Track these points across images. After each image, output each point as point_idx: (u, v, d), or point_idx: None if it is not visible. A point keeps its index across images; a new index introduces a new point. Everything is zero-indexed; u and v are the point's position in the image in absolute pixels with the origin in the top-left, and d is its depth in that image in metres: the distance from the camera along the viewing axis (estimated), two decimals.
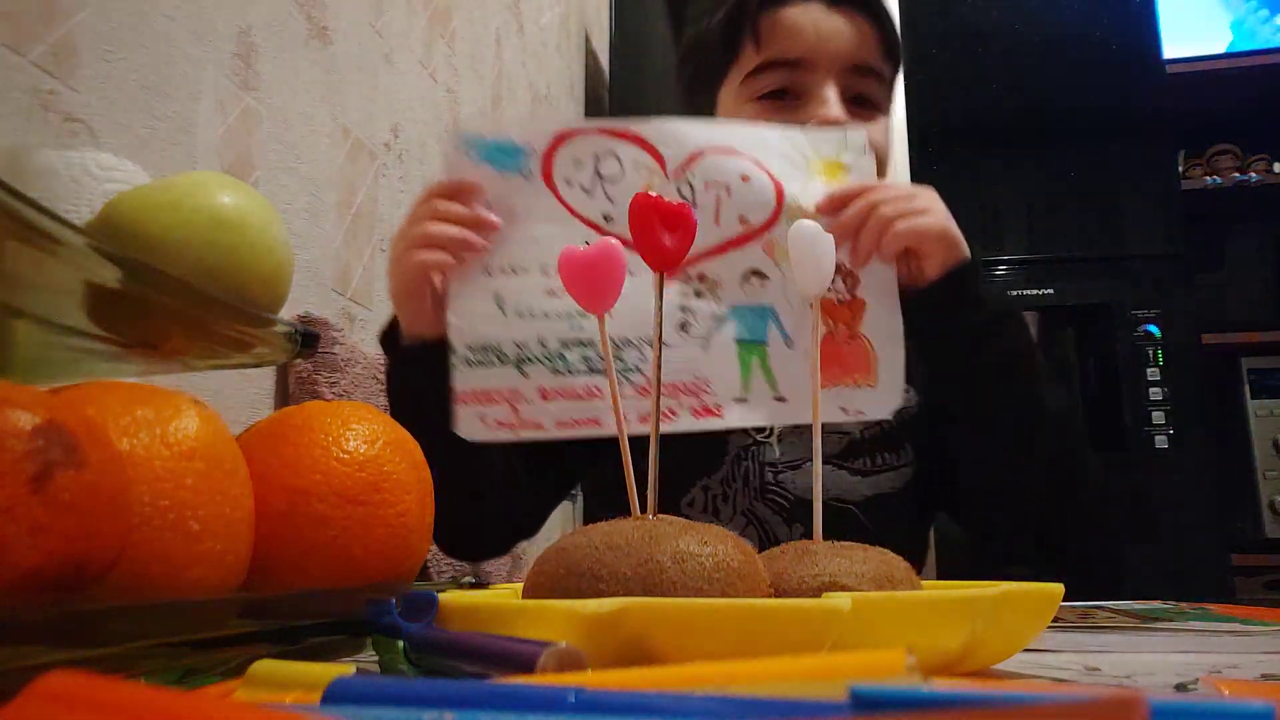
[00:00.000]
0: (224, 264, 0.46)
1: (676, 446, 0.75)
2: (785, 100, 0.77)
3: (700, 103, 0.83)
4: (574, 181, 0.67)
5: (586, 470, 0.90)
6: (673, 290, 0.65)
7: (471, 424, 0.63)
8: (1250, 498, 1.94)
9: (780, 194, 0.68)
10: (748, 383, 0.66)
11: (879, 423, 0.78)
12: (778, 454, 0.78)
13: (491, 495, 0.75)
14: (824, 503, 0.69)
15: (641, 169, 0.67)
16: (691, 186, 0.67)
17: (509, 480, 0.77)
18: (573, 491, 0.95)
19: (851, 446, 0.78)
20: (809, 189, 0.68)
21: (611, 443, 0.39)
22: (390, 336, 0.72)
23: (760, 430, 0.78)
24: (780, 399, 0.66)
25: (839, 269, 0.66)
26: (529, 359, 0.65)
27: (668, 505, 0.74)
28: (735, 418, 0.66)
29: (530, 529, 0.87)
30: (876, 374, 0.67)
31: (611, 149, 0.68)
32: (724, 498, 0.78)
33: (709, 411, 0.65)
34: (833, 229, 0.63)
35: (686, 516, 0.72)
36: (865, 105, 0.79)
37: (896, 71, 0.82)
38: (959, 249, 0.69)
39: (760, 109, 0.78)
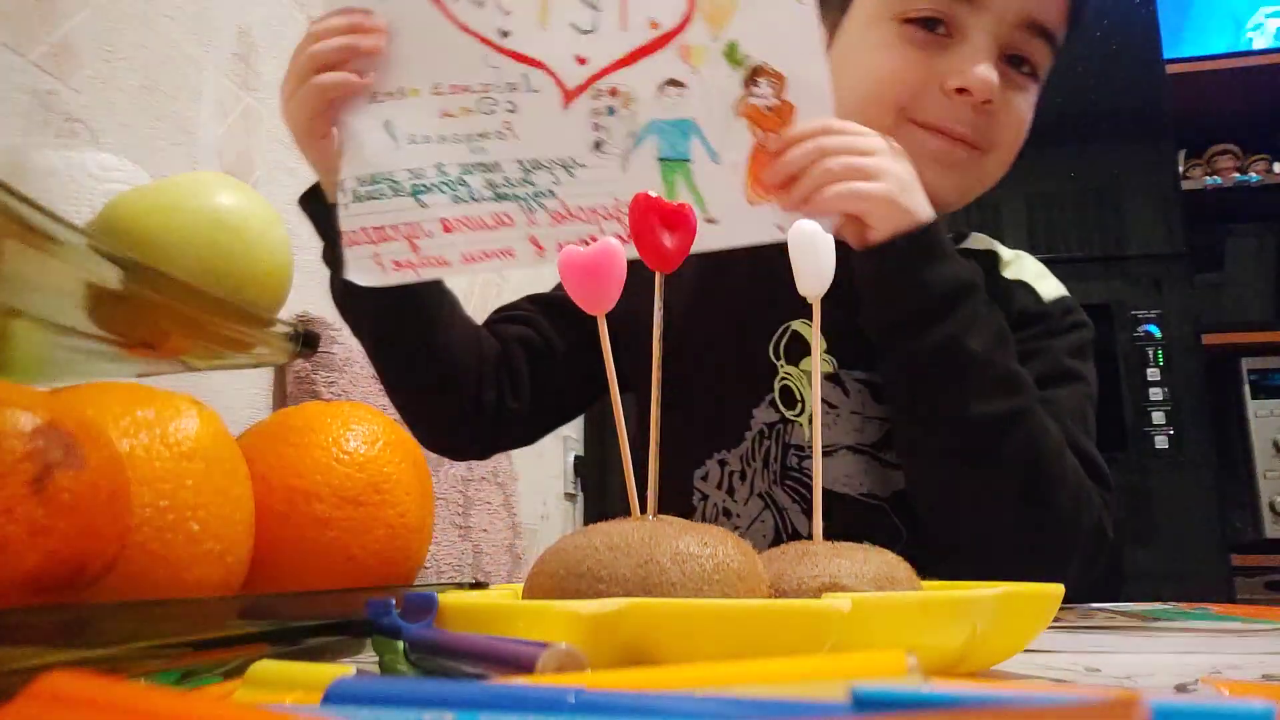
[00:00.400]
0: (224, 264, 0.46)
1: (696, 414, 0.71)
2: (933, 32, 0.65)
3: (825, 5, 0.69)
4: None
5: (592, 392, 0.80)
6: (583, 108, 0.59)
7: (364, 267, 0.57)
8: (1250, 498, 1.94)
9: None
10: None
11: None
12: (807, 436, 0.69)
13: (458, 375, 0.69)
14: (854, 498, 0.67)
15: None
16: None
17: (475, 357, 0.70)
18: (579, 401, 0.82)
19: (889, 436, 0.68)
20: None
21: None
22: (311, 198, 0.64)
23: (792, 408, 0.70)
24: (710, 220, 0.59)
25: (762, 70, 0.59)
26: (426, 188, 0.58)
27: (680, 476, 0.72)
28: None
29: (523, 432, 0.78)
30: (766, 186, 0.60)
31: None
32: (741, 476, 0.70)
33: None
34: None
35: (699, 490, 0.72)
36: (1022, 68, 0.67)
37: (1068, 36, 0.69)
38: (911, 216, 0.59)
39: (900, 33, 0.66)
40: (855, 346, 0.67)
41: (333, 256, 0.62)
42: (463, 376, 0.69)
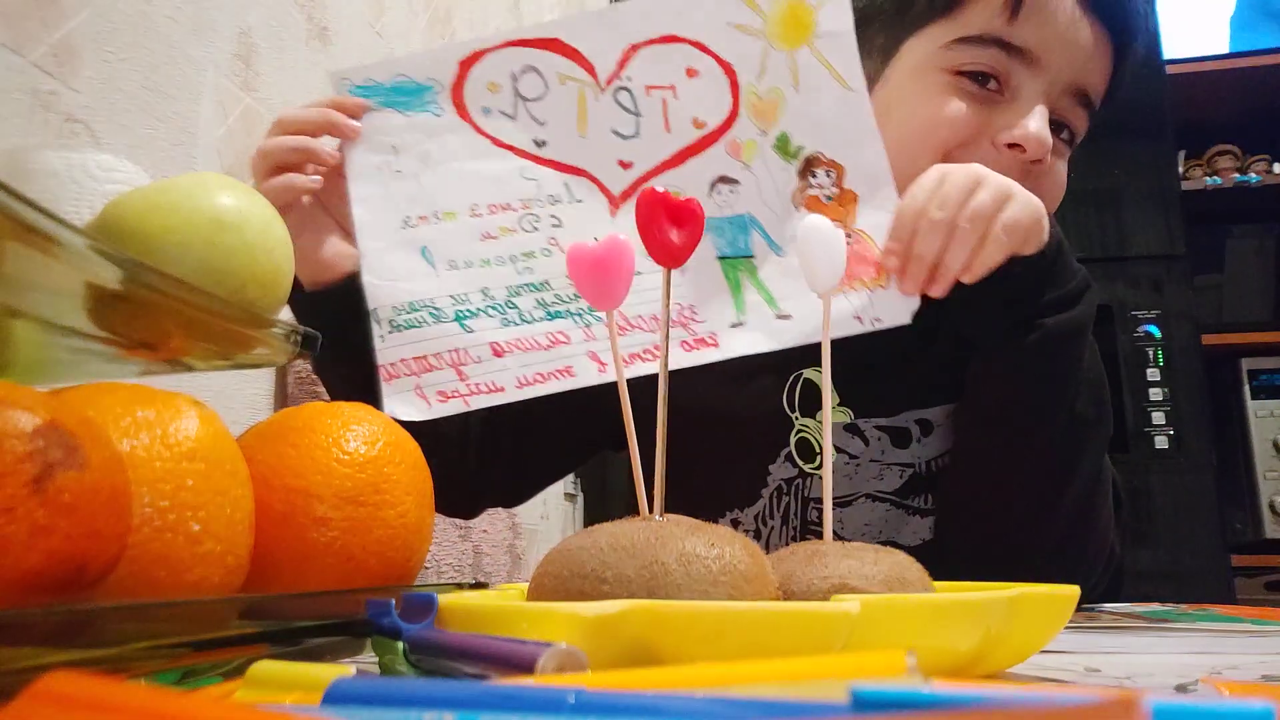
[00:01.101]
0: (224, 264, 0.46)
1: (710, 472, 0.67)
2: (985, 88, 0.64)
3: (873, 38, 0.67)
4: (493, 109, 0.59)
5: (587, 452, 0.79)
6: (630, 214, 0.58)
7: (406, 399, 0.54)
8: (1250, 498, 1.94)
9: (735, 83, 0.58)
10: (741, 304, 0.57)
11: (944, 453, 0.67)
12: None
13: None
14: (877, 544, 0.65)
15: (569, 81, 0.58)
16: (630, 93, 0.58)
17: (457, 439, 0.68)
18: (571, 473, 0.84)
19: (913, 481, 0.66)
20: (769, 66, 0.58)
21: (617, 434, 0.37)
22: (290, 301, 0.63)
23: (810, 460, 0.68)
24: (784, 316, 0.57)
25: (817, 160, 0.58)
26: (471, 313, 0.55)
27: None
28: (735, 345, 0.57)
29: (507, 496, 0.77)
30: (887, 272, 0.57)
31: (529, 63, 0.59)
32: (757, 535, 0.68)
33: (702, 343, 0.56)
34: (910, 271, 0.55)
35: None
36: (1062, 135, 0.68)
37: (1099, 113, 0.71)
38: (1046, 227, 0.59)
39: (952, 84, 0.65)
40: (870, 395, 0.66)
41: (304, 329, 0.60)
42: (442, 443, 0.65)
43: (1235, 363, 1.99)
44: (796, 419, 0.68)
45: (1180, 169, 2.10)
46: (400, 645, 0.32)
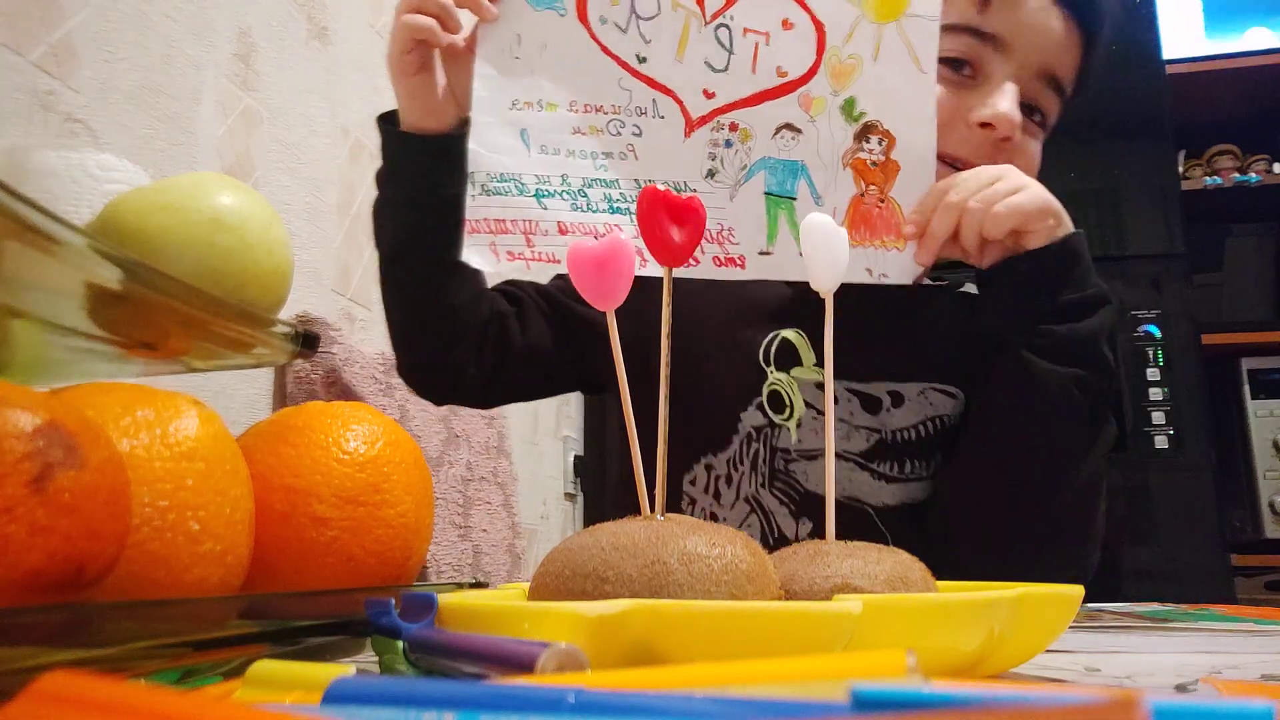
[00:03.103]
0: (224, 264, 0.46)
1: (684, 418, 0.69)
2: (960, 73, 0.70)
3: None
4: (608, 19, 0.66)
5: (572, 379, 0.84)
6: (702, 138, 0.64)
7: (480, 252, 0.63)
8: (1250, 498, 1.94)
9: (822, 43, 0.64)
10: (773, 236, 0.64)
11: (914, 424, 0.72)
12: (794, 440, 0.71)
13: (455, 316, 0.73)
14: (839, 501, 0.67)
15: (680, 9, 0.65)
16: (730, 31, 0.65)
17: (475, 312, 0.75)
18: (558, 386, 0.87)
19: (879, 447, 0.70)
20: (857, 34, 0.65)
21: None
22: (386, 118, 0.70)
23: (780, 412, 0.72)
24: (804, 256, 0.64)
25: (875, 127, 0.65)
26: (549, 193, 0.64)
27: (671, 479, 0.71)
28: (757, 269, 0.64)
29: (473, 396, 0.81)
30: (904, 237, 0.64)
31: None
32: (727, 480, 0.72)
33: (731, 261, 0.64)
34: (924, 244, 0.62)
35: (687, 495, 0.73)
36: (1034, 117, 0.73)
37: (1071, 100, 0.76)
38: (1064, 223, 0.64)
39: None
40: (845, 359, 0.69)
41: (384, 176, 0.70)
42: (453, 318, 0.72)
43: (1235, 362, 1.99)
44: (770, 372, 0.72)
45: (1180, 169, 2.10)
46: (400, 645, 0.32)
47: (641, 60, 0.65)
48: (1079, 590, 0.36)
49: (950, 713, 0.16)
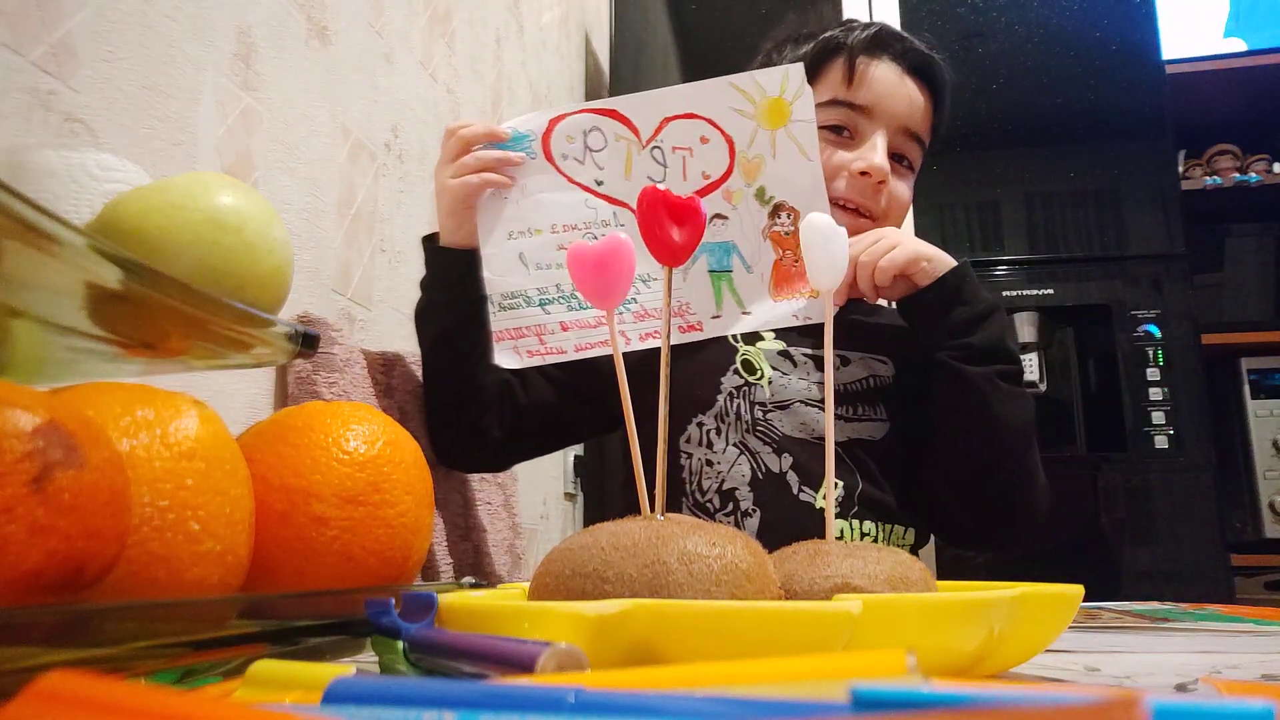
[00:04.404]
0: (224, 264, 0.46)
1: (675, 389, 0.83)
2: (840, 135, 0.91)
3: None
4: (568, 155, 0.84)
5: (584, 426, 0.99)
6: None
7: (507, 355, 0.82)
8: (1250, 498, 1.94)
9: (732, 149, 0.83)
10: (720, 302, 0.83)
11: (859, 379, 0.92)
12: (767, 395, 0.88)
13: (484, 391, 0.88)
14: (804, 440, 0.87)
15: (621, 140, 0.83)
16: (661, 150, 0.83)
17: (491, 387, 0.90)
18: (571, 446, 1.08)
19: (835, 395, 0.87)
20: (756, 140, 0.83)
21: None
22: (430, 249, 0.89)
23: (752, 374, 0.90)
24: (746, 313, 0.83)
25: (783, 205, 0.83)
26: (549, 300, 0.82)
27: (668, 446, 0.86)
28: (712, 330, 0.83)
29: (492, 458, 0.97)
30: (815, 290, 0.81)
31: (595, 124, 0.84)
32: (717, 431, 0.88)
33: (692, 328, 0.83)
34: (841, 289, 0.81)
35: (684, 452, 0.88)
36: (903, 163, 0.94)
37: (928, 146, 0.97)
38: (939, 262, 0.83)
39: (821, 135, 0.89)
40: (797, 334, 0.92)
41: (428, 283, 0.88)
42: (481, 393, 0.88)
43: (1235, 362, 1.99)
44: (740, 346, 0.91)
45: (1180, 169, 2.10)
46: (400, 645, 0.32)
47: (599, 183, 0.83)
48: (1079, 590, 0.36)
49: (950, 713, 0.16)
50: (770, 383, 0.89)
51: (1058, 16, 1.89)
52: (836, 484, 0.84)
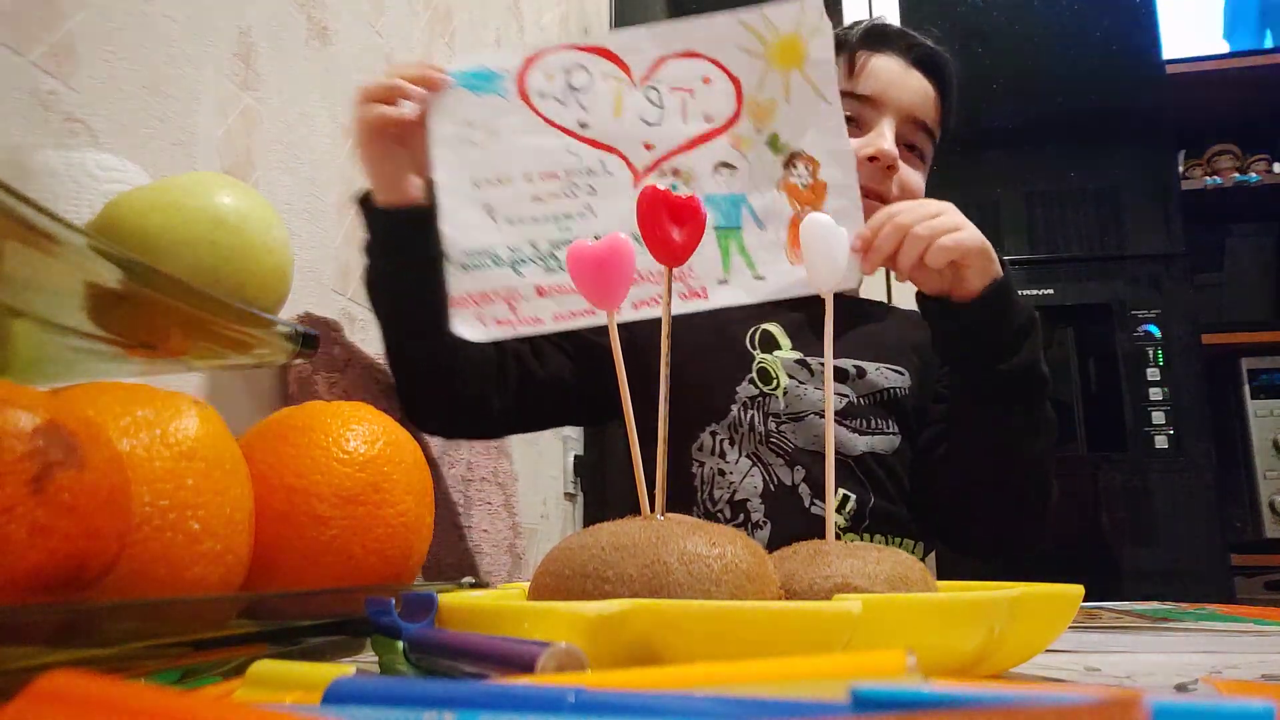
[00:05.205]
0: (224, 264, 0.46)
1: (689, 396, 0.84)
2: (849, 126, 0.84)
3: None
4: (547, 94, 0.72)
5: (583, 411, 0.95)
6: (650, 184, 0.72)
7: (469, 324, 0.68)
8: (1250, 498, 1.94)
9: (739, 91, 0.73)
10: (728, 265, 0.72)
11: (875, 391, 0.88)
12: (782, 406, 0.85)
13: (459, 354, 0.79)
14: (817, 453, 0.83)
15: (609, 79, 0.72)
16: (658, 91, 0.73)
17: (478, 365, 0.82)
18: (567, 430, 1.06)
19: (850, 408, 0.86)
20: (768, 82, 0.73)
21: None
22: (365, 212, 0.78)
23: (768, 384, 0.86)
24: (760, 278, 0.71)
25: (799, 155, 0.72)
26: (523, 260, 0.69)
27: (679, 454, 0.85)
28: (720, 298, 0.71)
29: (489, 428, 0.94)
30: (851, 249, 0.69)
31: (580, 62, 0.73)
32: (730, 441, 0.85)
33: (695, 294, 0.71)
34: (869, 257, 0.70)
35: (696, 460, 0.85)
36: (913, 151, 0.91)
37: (938, 138, 0.94)
38: (994, 264, 0.75)
39: None
40: (815, 342, 0.88)
41: (370, 249, 0.77)
42: (464, 364, 0.80)
43: (1235, 362, 1.99)
44: (757, 354, 0.88)
45: (1180, 169, 2.10)
46: (400, 644, 0.32)
47: (583, 126, 0.72)
48: (1079, 590, 0.36)
49: (950, 713, 0.16)
50: (785, 393, 0.86)
51: (1058, 16, 1.89)
52: (849, 497, 0.83)
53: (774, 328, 0.88)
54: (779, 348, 0.87)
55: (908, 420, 0.88)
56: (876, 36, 0.91)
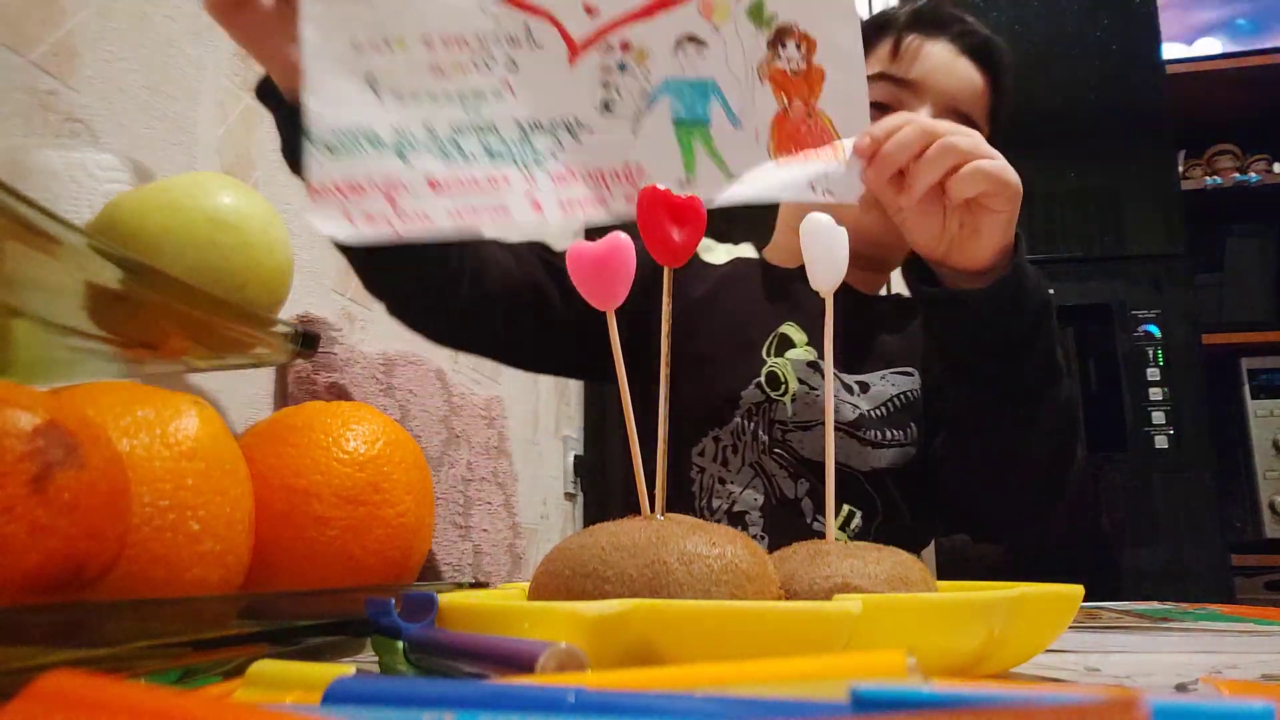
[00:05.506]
0: (224, 264, 0.46)
1: (690, 398, 0.79)
2: (885, 112, 0.73)
3: None
4: None
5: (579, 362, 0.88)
6: (591, 64, 0.56)
7: (331, 219, 0.51)
8: (1250, 498, 1.94)
9: None
10: (692, 165, 0.56)
11: (886, 400, 0.80)
12: (790, 413, 0.79)
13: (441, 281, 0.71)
14: (824, 465, 0.75)
15: None
16: None
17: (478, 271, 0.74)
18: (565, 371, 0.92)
19: (862, 420, 0.80)
20: None
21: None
22: (272, 111, 0.63)
23: (776, 389, 0.80)
24: (733, 178, 0.57)
25: (790, 31, 0.57)
26: (412, 146, 0.53)
27: (679, 456, 0.81)
28: None
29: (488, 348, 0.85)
30: (842, 153, 0.57)
31: None
32: (733, 449, 0.80)
33: None
34: (877, 164, 0.57)
35: (696, 465, 0.80)
36: None
37: (988, 135, 0.81)
38: (1011, 229, 0.62)
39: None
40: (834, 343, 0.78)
41: (281, 148, 0.62)
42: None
43: (1235, 362, 1.99)
44: (769, 360, 0.81)
45: (1180, 169, 2.10)
46: (400, 644, 0.32)
47: None
48: (1079, 590, 0.36)
49: (950, 713, 0.16)
50: (794, 399, 0.79)
51: (1058, 16, 1.89)
52: (854, 514, 0.78)
53: (792, 329, 0.82)
54: (793, 347, 0.81)
55: (922, 423, 0.82)
56: (927, 19, 0.81)
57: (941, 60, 0.80)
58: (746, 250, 0.93)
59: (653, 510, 0.36)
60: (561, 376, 0.93)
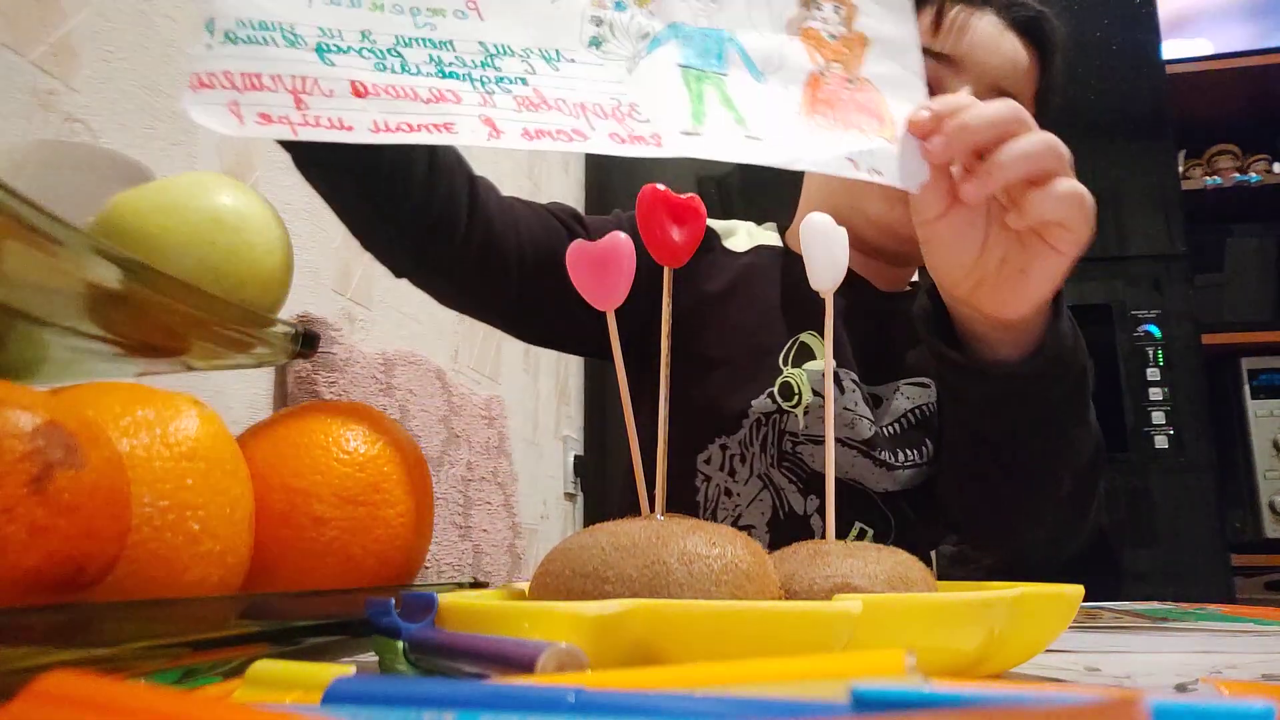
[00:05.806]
0: (224, 264, 0.46)
1: (698, 405, 0.77)
2: None
3: None
4: None
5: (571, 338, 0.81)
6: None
7: (214, 112, 0.42)
8: (1250, 498, 1.94)
9: None
10: (700, 113, 0.48)
11: (902, 415, 0.76)
12: (801, 425, 0.74)
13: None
14: (846, 482, 0.73)
15: None
16: None
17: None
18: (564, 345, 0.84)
19: (876, 438, 0.75)
20: None
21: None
22: None
23: (789, 400, 0.74)
24: (753, 137, 0.48)
25: None
26: (338, 49, 0.45)
27: (685, 462, 0.78)
28: (679, 148, 0.46)
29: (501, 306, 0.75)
30: (895, 128, 0.49)
31: None
32: (741, 459, 0.76)
33: (639, 139, 0.46)
34: (942, 144, 0.49)
35: (701, 473, 0.77)
36: None
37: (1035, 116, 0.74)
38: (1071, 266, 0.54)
39: None
40: (852, 352, 0.77)
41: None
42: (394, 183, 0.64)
43: (1235, 362, 1.99)
44: (785, 369, 0.76)
45: (1180, 169, 2.10)
46: (400, 645, 0.32)
47: None
48: (1079, 590, 0.36)
49: (950, 713, 0.16)
50: (806, 412, 0.74)
51: (1058, 16, 1.89)
52: (866, 531, 0.74)
53: (813, 339, 0.77)
54: (811, 358, 0.76)
55: (938, 437, 0.77)
56: None
57: (987, 35, 0.74)
58: (770, 235, 0.86)
59: (653, 510, 0.36)
60: (574, 353, 0.86)
